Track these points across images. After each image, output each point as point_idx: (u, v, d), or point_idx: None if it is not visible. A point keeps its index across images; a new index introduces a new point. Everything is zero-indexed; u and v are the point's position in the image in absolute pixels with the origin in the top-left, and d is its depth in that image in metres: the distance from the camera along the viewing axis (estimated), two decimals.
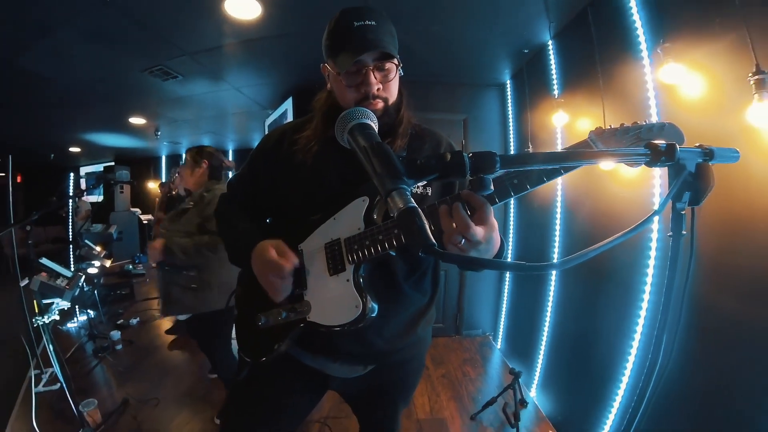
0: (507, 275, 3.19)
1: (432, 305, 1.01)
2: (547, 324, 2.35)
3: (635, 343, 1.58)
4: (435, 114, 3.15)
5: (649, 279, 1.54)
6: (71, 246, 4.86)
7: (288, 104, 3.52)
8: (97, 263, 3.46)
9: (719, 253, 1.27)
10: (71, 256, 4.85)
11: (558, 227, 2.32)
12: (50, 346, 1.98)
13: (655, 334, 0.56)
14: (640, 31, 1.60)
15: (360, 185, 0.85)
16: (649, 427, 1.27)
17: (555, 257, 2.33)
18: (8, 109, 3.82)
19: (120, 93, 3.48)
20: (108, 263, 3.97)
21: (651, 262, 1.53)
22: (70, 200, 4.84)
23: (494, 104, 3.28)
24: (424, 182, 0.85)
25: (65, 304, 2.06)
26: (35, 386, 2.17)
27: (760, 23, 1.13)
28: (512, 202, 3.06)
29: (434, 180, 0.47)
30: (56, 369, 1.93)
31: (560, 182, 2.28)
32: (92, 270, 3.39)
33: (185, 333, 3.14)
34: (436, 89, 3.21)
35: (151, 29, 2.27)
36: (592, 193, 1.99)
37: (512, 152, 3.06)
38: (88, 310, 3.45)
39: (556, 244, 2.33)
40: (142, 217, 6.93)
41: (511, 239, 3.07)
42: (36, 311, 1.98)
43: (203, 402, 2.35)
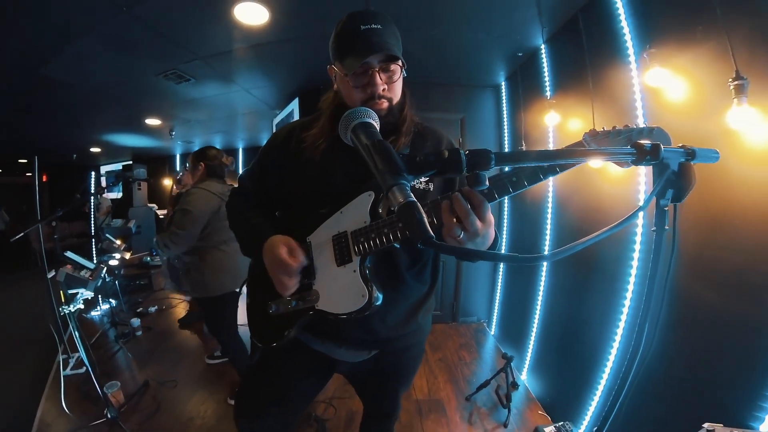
0: (501, 266, 3.19)
1: (432, 295, 1.01)
2: (538, 312, 2.36)
3: (620, 331, 1.59)
4: (433, 113, 3.13)
5: (634, 271, 1.54)
6: (93, 240, 4.88)
7: (294, 104, 3.50)
8: (118, 256, 3.47)
9: (699, 248, 1.27)
10: (93, 250, 4.86)
11: (549, 222, 2.32)
12: (76, 333, 2.00)
13: (638, 323, 0.56)
14: (628, 37, 1.58)
15: (365, 181, 0.84)
16: (632, 410, 1.29)
17: (546, 250, 2.34)
18: (34, 114, 3.82)
19: (136, 96, 3.46)
20: (128, 255, 3.99)
21: (635, 255, 1.54)
22: (92, 197, 4.83)
23: (490, 104, 3.26)
24: (425, 178, 0.85)
25: (89, 294, 2.08)
26: (63, 370, 2.20)
27: (740, 32, 1.12)
28: (506, 198, 3.05)
29: (433, 176, 0.46)
30: (82, 354, 1.95)
31: (552, 179, 2.27)
32: (113, 262, 3.40)
33: (199, 320, 3.18)
34: (435, 90, 3.18)
35: (166, 35, 2.26)
36: (582, 190, 1.98)
37: (506, 150, 3.04)
38: (110, 299, 3.49)
39: (547, 238, 2.33)
40: (159, 212, 6.94)
41: (505, 232, 3.07)
42: (62, 301, 1.99)
43: (217, 384, 2.38)
